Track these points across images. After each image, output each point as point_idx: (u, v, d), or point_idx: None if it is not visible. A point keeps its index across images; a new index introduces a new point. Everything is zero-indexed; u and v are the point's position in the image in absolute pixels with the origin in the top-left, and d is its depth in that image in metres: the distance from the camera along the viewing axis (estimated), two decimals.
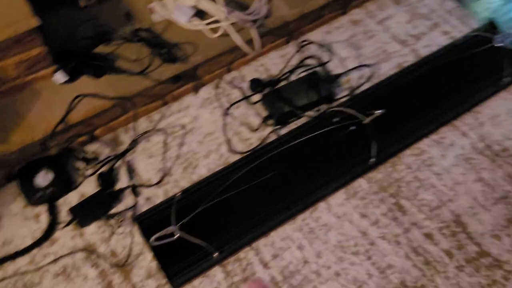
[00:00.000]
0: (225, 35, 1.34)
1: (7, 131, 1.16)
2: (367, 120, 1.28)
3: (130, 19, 1.35)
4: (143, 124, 1.32)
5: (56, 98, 1.22)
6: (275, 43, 1.47)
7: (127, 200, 1.20)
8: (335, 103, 1.35)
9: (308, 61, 1.44)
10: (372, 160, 1.25)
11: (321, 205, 1.19)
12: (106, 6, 1.41)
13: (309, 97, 1.33)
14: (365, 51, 1.47)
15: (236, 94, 1.39)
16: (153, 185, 1.22)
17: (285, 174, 1.24)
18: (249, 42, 1.36)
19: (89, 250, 1.13)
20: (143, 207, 1.19)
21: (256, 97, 1.38)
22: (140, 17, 1.39)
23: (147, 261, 1.12)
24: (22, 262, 1.11)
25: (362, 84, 1.39)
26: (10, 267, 1.10)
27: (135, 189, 1.21)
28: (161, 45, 1.31)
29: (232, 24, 1.33)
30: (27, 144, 1.16)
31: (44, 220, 1.16)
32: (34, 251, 1.12)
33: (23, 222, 1.16)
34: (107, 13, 1.39)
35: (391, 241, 1.14)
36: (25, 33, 1.11)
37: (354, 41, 1.50)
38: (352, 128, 1.29)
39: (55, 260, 1.11)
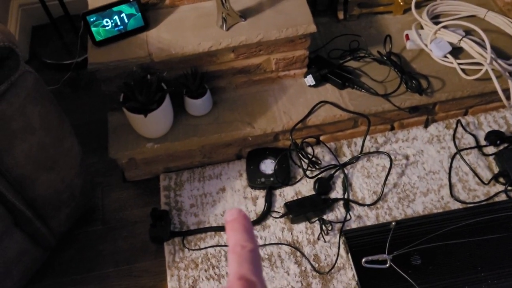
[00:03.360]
0: (479, 79, 1.23)
1: (254, 117, 1.22)
2: None
3: (388, 42, 1.32)
4: (367, 142, 1.28)
5: (301, 97, 1.25)
6: None
7: (338, 211, 1.17)
8: None
9: None
10: None
11: None
12: (363, 21, 1.41)
13: None
14: None
15: (468, 140, 1.27)
16: (367, 205, 1.18)
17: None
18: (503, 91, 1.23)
19: (295, 247, 1.13)
20: (353, 223, 1.16)
21: (491, 149, 1.25)
22: (393, 39, 1.35)
23: (348, 277, 1.08)
24: None
25: None
26: (225, 237, 1.17)
27: (348, 203, 1.19)
28: (410, 73, 1.26)
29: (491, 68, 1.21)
30: (267, 132, 1.22)
31: (260, 204, 1.20)
32: None
33: (243, 200, 1.21)
34: (362, 29, 1.39)
35: None
36: (301, 36, 1.16)
37: None
38: None
39: (263, 245, 1.14)
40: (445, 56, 1.26)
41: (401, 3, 1.37)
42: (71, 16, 1.54)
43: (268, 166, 1.25)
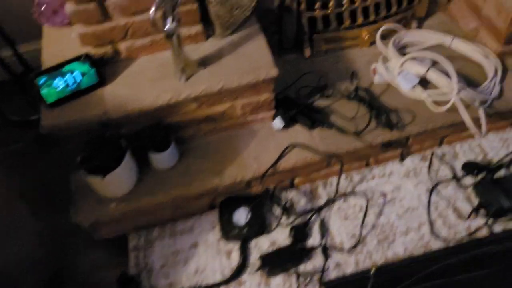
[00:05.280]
0: (450, 109, 1.16)
1: (223, 165, 1.15)
2: None
3: (354, 78, 1.27)
4: (342, 181, 1.22)
5: (270, 141, 1.18)
6: (498, 124, 1.26)
7: (316, 259, 1.09)
8: None
9: None
10: None
11: None
12: (331, 56, 1.36)
13: None
14: None
15: (445, 172, 1.21)
16: (346, 251, 1.09)
17: (498, 277, 1.02)
18: (473, 120, 1.16)
19: None
20: (332, 272, 1.07)
21: (469, 180, 1.19)
22: (360, 74, 1.30)
23: None
24: None
25: None
26: None
27: (326, 250, 1.11)
28: (379, 109, 1.20)
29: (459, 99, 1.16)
30: (237, 181, 1.14)
31: (235, 258, 1.11)
32: None
33: (216, 254, 1.12)
34: (330, 64, 1.34)
35: None
36: (264, 80, 1.10)
37: None
38: None
39: None
40: (414, 88, 1.22)
41: (365, 38, 1.33)
42: (34, 69, 1.47)
43: (241, 216, 1.16)
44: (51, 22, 1.19)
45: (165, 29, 0.99)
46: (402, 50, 1.33)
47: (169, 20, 0.99)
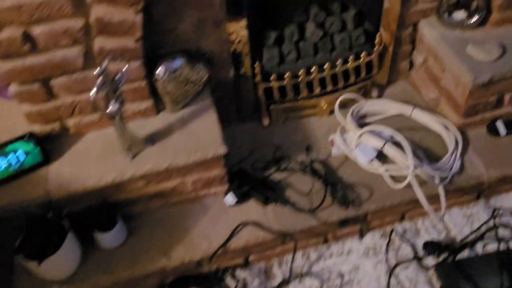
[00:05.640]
0: (408, 186, 1.13)
1: (172, 244, 1.09)
2: None
3: (309, 151, 1.24)
4: (298, 259, 1.16)
5: (222, 218, 1.14)
6: (461, 199, 1.21)
7: None
8: None
9: (500, 231, 1.14)
10: None
11: None
12: (289, 125, 1.33)
13: (502, 283, 1.03)
14: None
15: (406, 250, 1.15)
16: None
17: None
18: (434, 197, 1.13)
19: None
20: None
21: (430, 260, 1.13)
22: (318, 144, 1.27)
23: None
24: None
25: None
26: None
27: None
28: (335, 184, 1.15)
29: (417, 176, 1.12)
30: (185, 262, 1.09)
31: None
32: None
33: None
34: (288, 134, 1.31)
35: None
36: (212, 158, 1.07)
37: None
38: None
39: None
40: (372, 162, 1.18)
41: (324, 107, 1.31)
42: None
43: None
44: (3, 95, 1.18)
45: (107, 111, 0.97)
46: (362, 119, 1.31)
47: (112, 102, 0.97)
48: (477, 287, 1.02)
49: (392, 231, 1.17)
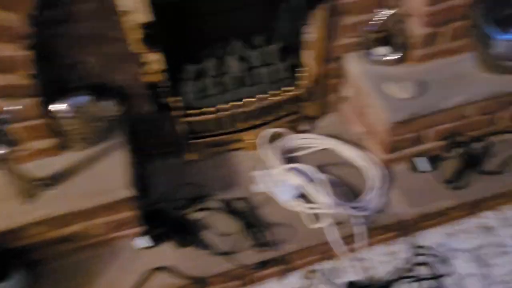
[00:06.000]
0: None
1: None
2: None
3: (229, 190, 1.18)
4: None
5: (135, 263, 1.05)
6: (384, 236, 1.19)
7: None
8: None
9: (421, 269, 1.12)
10: None
11: None
12: (214, 160, 1.27)
13: None
14: (496, 271, 1.12)
15: None
16: None
17: None
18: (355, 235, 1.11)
19: None
20: None
21: None
22: (242, 180, 1.21)
23: None
24: None
25: None
26: None
27: None
28: (255, 224, 1.10)
29: (338, 214, 1.09)
30: None
31: None
32: None
33: None
34: (213, 169, 1.25)
35: None
36: (118, 201, 1.00)
37: (481, 254, 1.15)
38: None
39: None
40: (293, 200, 1.14)
41: (249, 142, 1.26)
42: None
43: None
44: None
45: None
46: (289, 153, 1.27)
47: None
48: None
49: (314, 271, 1.14)
